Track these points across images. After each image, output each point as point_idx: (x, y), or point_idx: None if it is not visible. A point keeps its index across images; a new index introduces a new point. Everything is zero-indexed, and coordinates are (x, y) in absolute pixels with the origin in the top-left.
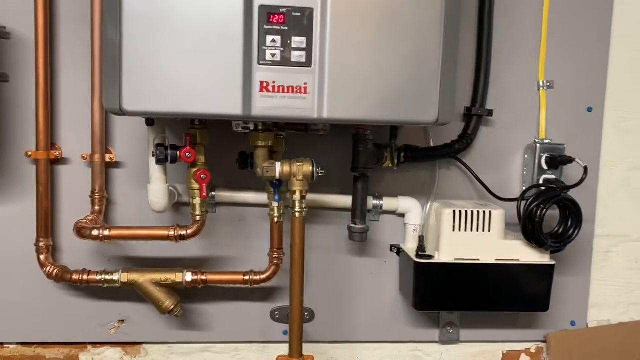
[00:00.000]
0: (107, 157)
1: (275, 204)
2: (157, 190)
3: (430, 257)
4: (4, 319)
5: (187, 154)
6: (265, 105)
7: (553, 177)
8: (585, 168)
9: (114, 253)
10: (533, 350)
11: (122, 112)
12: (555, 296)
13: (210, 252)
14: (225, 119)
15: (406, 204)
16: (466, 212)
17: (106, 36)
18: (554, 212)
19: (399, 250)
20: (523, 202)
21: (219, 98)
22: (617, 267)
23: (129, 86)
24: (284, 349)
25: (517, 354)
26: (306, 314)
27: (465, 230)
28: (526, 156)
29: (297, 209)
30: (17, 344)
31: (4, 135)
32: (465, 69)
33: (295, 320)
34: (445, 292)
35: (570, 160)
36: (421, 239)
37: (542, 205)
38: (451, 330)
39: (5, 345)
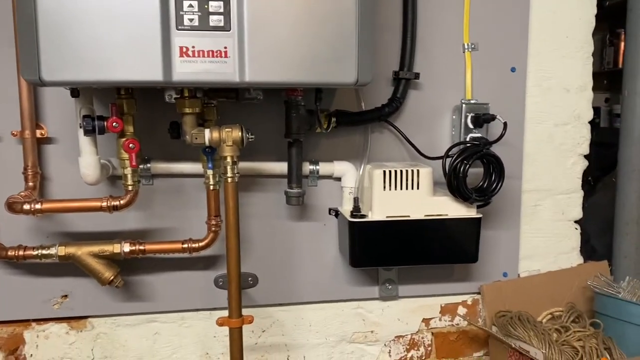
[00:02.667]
0: (39, 133)
1: (209, 172)
2: (88, 162)
3: (364, 216)
4: None
5: (114, 123)
6: (186, 71)
7: (479, 135)
8: (505, 124)
9: (51, 229)
10: (469, 302)
11: (41, 83)
12: (487, 249)
13: (150, 224)
14: (146, 85)
15: (341, 167)
16: (395, 171)
17: (21, 5)
18: (479, 169)
19: (337, 213)
20: (448, 159)
21: (139, 65)
22: (545, 219)
23: (47, 56)
24: None
25: (454, 306)
26: (250, 279)
27: (396, 189)
28: (454, 116)
29: (229, 174)
30: None
31: None
32: (392, 34)
33: (233, 280)
34: (380, 249)
35: (493, 117)
36: (356, 200)
37: (465, 161)
38: (390, 287)
39: None
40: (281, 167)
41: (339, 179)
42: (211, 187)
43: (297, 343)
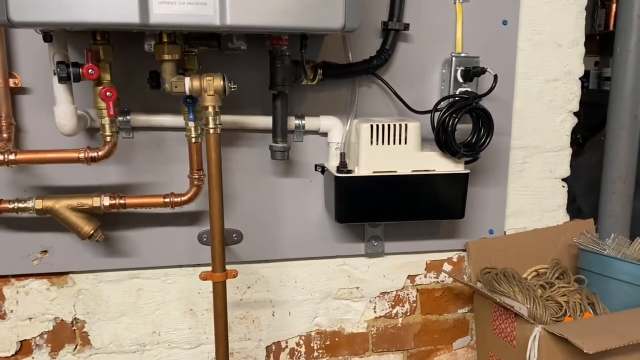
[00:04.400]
0: (12, 82)
1: (190, 124)
2: (63, 111)
3: (350, 171)
4: None
5: (90, 70)
6: (164, 12)
7: (468, 89)
8: (495, 76)
9: (28, 183)
10: (455, 259)
11: (10, 23)
12: (473, 206)
13: (130, 179)
14: (122, 29)
15: (328, 122)
16: (383, 125)
17: None
18: (467, 125)
19: (323, 169)
20: (436, 113)
21: (114, 6)
22: (532, 177)
23: None
24: None
25: (439, 263)
26: (234, 235)
27: (383, 144)
28: (443, 70)
29: (211, 125)
30: None
31: None
32: None
33: (216, 233)
34: (366, 205)
35: (483, 70)
36: (342, 155)
37: (454, 115)
38: (376, 244)
39: None
40: (266, 121)
41: (325, 135)
42: (193, 140)
43: (282, 299)
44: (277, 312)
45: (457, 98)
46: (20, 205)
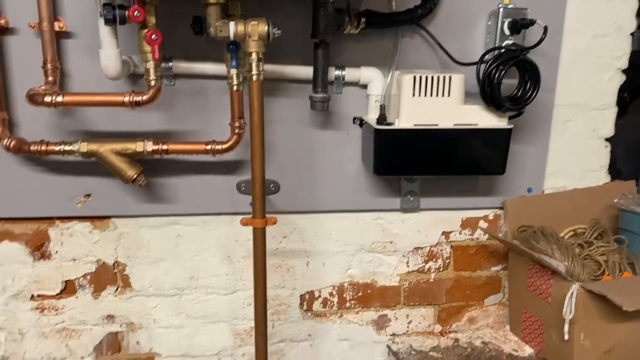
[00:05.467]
0: (57, 26)
1: (233, 71)
2: (109, 54)
3: (390, 124)
4: None
5: (136, 12)
6: None
7: (514, 42)
8: (545, 27)
9: (73, 127)
10: (491, 217)
11: None
12: (513, 164)
13: (171, 126)
14: None
15: (368, 74)
16: (426, 77)
17: None
18: (512, 81)
19: (362, 122)
20: (482, 65)
21: None
22: (575, 135)
23: None
24: None
25: (475, 220)
26: (272, 185)
27: (425, 96)
28: (489, 22)
29: (254, 72)
30: None
31: None
32: None
33: (257, 180)
34: (405, 158)
35: (532, 22)
36: (382, 108)
37: (500, 67)
38: (412, 199)
39: None
40: (306, 71)
41: (364, 87)
42: (234, 88)
43: (316, 250)
44: (312, 263)
45: (504, 50)
46: (66, 147)
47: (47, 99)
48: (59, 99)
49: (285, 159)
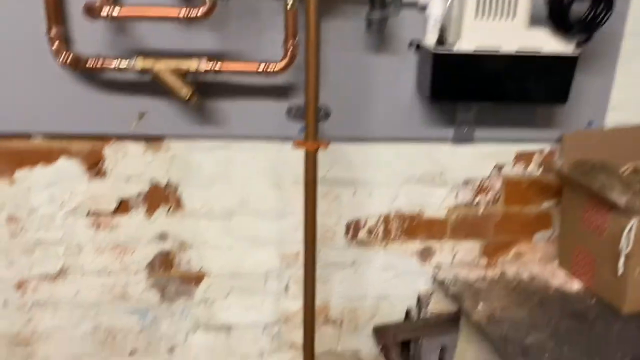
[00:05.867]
0: None
1: None
2: None
3: (449, 47)
4: (28, 111)
5: None
6: None
7: None
8: None
9: (127, 44)
10: (546, 151)
11: None
12: (575, 96)
13: (224, 46)
14: None
15: None
16: None
17: None
18: (581, 6)
19: (419, 45)
20: None
21: None
22: None
23: None
24: None
25: (530, 154)
26: (322, 111)
27: (489, 17)
28: None
29: None
30: (43, 135)
31: None
32: None
33: (311, 100)
34: (463, 83)
35: None
36: (442, 30)
37: None
38: (466, 129)
39: (32, 138)
40: None
41: (423, 8)
42: (289, 7)
43: (364, 179)
44: (359, 192)
45: None
46: (122, 64)
47: (104, 12)
48: (115, 12)
49: (336, 83)
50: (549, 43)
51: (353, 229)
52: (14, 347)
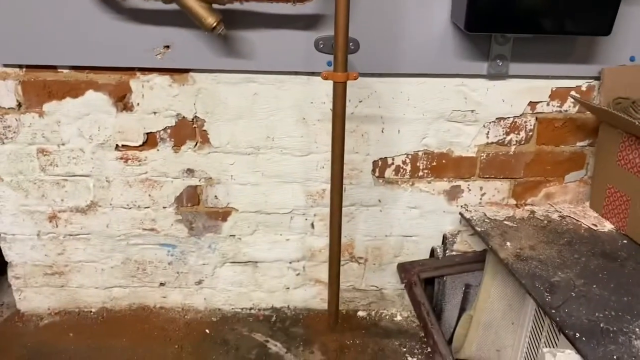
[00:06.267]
0: None
1: None
2: None
3: None
4: (54, 42)
5: None
6: None
7: None
8: None
9: None
10: (584, 88)
11: None
12: (616, 29)
13: None
14: None
15: None
16: None
17: None
18: None
19: None
20: None
21: None
22: None
23: None
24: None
25: (566, 91)
26: (351, 44)
27: None
28: None
29: None
30: (70, 68)
31: None
32: None
33: (341, 29)
34: (500, 12)
35: None
36: None
37: None
38: (500, 64)
39: (59, 70)
40: None
41: None
42: None
43: (393, 116)
44: (387, 129)
45: None
46: None
47: None
48: None
49: (366, 15)
50: None
51: (380, 167)
52: (49, 276)
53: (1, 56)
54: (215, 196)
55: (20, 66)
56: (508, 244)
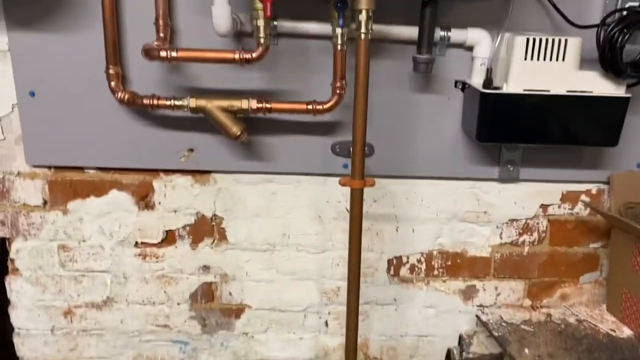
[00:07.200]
0: None
1: (339, 30)
2: (222, 12)
3: (497, 88)
4: (83, 145)
5: None
6: None
7: (638, 4)
8: None
9: (180, 83)
10: (594, 192)
11: None
12: (623, 136)
13: (272, 86)
14: None
15: (475, 35)
16: (540, 39)
17: None
18: (634, 47)
19: (464, 86)
20: (603, 28)
21: None
22: None
23: None
24: None
25: (577, 194)
26: (366, 149)
27: (538, 59)
28: None
29: (363, 30)
30: (96, 169)
31: None
32: None
33: (358, 140)
34: (511, 124)
35: None
36: (489, 71)
37: (624, 30)
38: (511, 168)
39: (86, 171)
40: (409, 31)
41: (470, 49)
42: (339, 47)
43: (407, 216)
44: (401, 228)
45: (627, 13)
46: (177, 102)
47: (163, 53)
48: (174, 54)
49: (381, 121)
50: (599, 85)
51: (395, 265)
52: None
53: (31, 158)
54: (230, 293)
55: (49, 167)
56: (526, 350)
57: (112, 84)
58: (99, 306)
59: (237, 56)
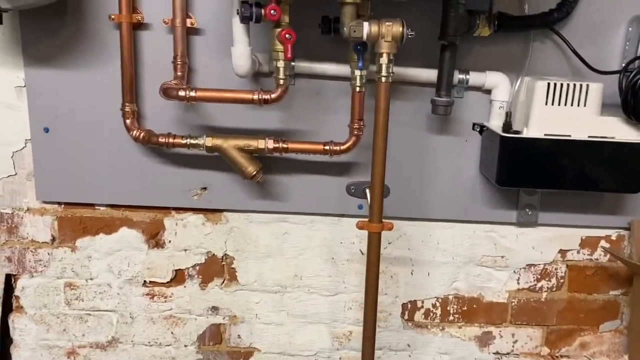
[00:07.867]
0: (188, 23)
1: (357, 72)
2: (241, 52)
3: (517, 132)
4: (95, 182)
5: (272, 11)
6: None
7: None
8: None
9: (196, 122)
10: (614, 237)
11: None
12: None
13: (289, 125)
14: None
15: (494, 78)
16: (561, 84)
17: None
18: None
19: (482, 129)
20: (626, 75)
21: None
22: None
23: None
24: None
25: (596, 240)
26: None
27: (559, 105)
28: (630, 29)
29: (384, 73)
30: (107, 206)
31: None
32: None
33: (377, 184)
34: (531, 169)
35: None
36: (508, 115)
37: None
38: (530, 212)
39: (96, 207)
40: (427, 74)
41: (488, 92)
42: (357, 89)
43: (422, 259)
44: (416, 271)
45: None
46: (192, 141)
47: (181, 93)
48: (192, 93)
49: (398, 162)
50: (622, 131)
51: (409, 309)
52: None
53: (42, 193)
54: (239, 335)
55: (59, 203)
56: None
57: (128, 121)
58: (104, 346)
59: (255, 97)
